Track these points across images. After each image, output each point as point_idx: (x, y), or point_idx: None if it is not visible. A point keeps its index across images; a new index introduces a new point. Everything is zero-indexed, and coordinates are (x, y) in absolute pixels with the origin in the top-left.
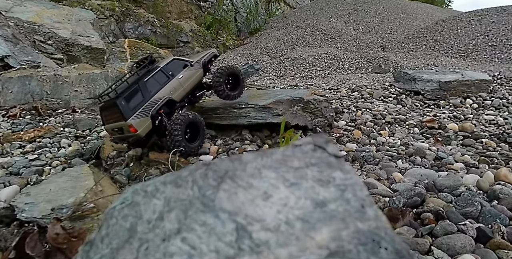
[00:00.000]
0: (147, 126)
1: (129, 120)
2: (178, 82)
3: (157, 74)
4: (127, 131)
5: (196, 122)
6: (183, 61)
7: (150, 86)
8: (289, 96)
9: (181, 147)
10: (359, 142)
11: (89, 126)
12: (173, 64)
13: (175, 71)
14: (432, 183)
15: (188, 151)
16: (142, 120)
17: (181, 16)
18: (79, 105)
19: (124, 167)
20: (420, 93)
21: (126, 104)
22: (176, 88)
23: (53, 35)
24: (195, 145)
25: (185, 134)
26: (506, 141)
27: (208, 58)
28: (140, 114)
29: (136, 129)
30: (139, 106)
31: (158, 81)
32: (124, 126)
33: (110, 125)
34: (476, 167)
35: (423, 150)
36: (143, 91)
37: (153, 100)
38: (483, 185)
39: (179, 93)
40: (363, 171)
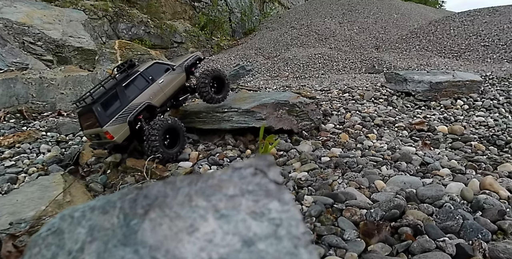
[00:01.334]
0: (124, 133)
1: (105, 126)
2: (159, 87)
3: (136, 78)
4: (103, 137)
5: (175, 127)
6: (164, 65)
7: (128, 91)
8: (274, 99)
9: (158, 153)
10: (345, 146)
11: (73, 130)
12: (154, 68)
13: (156, 76)
14: (414, 193)
15: (166, 157)
16: (119, 127)
17: (175, 16)
18: (65, 108)
19: (101, 174)
20: (411, 94)
21: (102, 110)
22: (156, 93)
23: (43, 36)
24: (173, 151)
25: (163, 139)
26: (496, 144)
27: (191, 62)
28: (116, 120)
29: (112, 136)
30: (116, 112)
31: (137, 86)
32: (101, 133)
33: (87, 131)
34: (463, 173)
35: (409, 155)
36: (121, 96)
37: (131, 105)
38: (467, 195)
39: (159, 98)
40: (345, 179)
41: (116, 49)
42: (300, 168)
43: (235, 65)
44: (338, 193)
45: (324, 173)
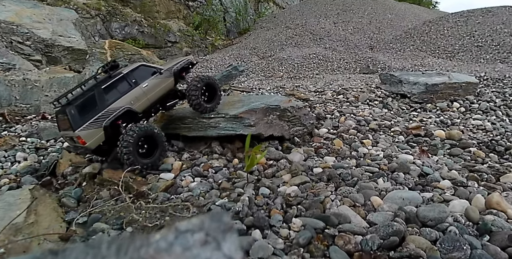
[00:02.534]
0: (98, 138)
1: (77, 131)
2: (142, 91)
3: (118, 81)
4: (76, 141)
5: (152, 134)
6: (151, 68)
7: (107, 94)
8: (264, 104)
9: (129, 162)
10: (339, 154)
11: (54, 135)
12: (139, 71)
13: (140, 79)
14: (414, 213)
15: (140, 167)
16: (92, 131)
17: (169, 15)
18: (49, 111)
19: (75, 187)
20: (407, 96)
21: (76, 113)
22: (138, 97)
23: (31, 35)
24: (146, 161)
25: (138, 148)
26: (495, 150)
27: (181, 66)
28: (91, 125)
29: (84, 141)
30: (91, 116)
31: (118, 89)
32: (73, 136)
33: (63, 133)
34: (464, 186)
35: (406, 165)
36: (99, 99)
37: (108, 109)
38: (473, 215)
39: (141, 103)
40: (338, 194)
41: (106, 49)
42: (290, 181)
43: (228, 65)
44: (330, 215)
45: (316, 187)
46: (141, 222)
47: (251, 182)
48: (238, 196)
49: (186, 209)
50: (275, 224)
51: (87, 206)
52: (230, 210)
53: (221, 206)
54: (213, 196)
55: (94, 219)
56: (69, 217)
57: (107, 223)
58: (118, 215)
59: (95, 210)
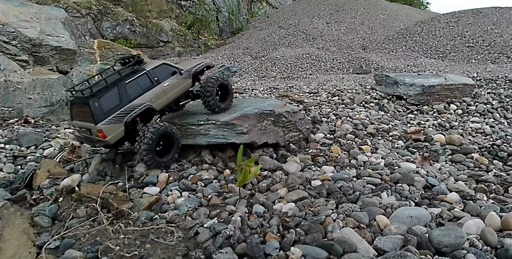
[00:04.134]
0: (118, 133)
1: (100, 124)
2: (162, 90)
3: (141, 77)
4: (95, 134)
5: (170, 134)
6: (172, 68)
7: (130, 89)
8: (257, 109)
9: (148, 160)
10: (338, 162)
11: (35, 141)
12: (161, 69)
13: (162, 77)
14: (427, 238)
15: (157, 166)
16: (114, 126)
17: (161, 15)
18: (33, 114)
19: (51, 203)
20: (403, 97)
21: (99, 106)
22: (159, 96)
23: (18, 34)
24: (164, 160)
25: (156, 146)
26: (498, 156)
27: (200, 68)
28: (113, 119)
29: (105, 135)
30: (114, 111)
31: (140, 86)
32: (93, 129)
33: (78, 123)
34: (474, 200)
35: (410, 176)
36: (122, 94)
37: (130, 105)
38: (490, 239)
39: (161, 102)
40: (340, 213)
41: (95, 49)
42: (286, 196)
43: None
44: (334, 244)
45: (315, 204)
46: (118, 251)
47: (243, 197)
48: (229, 215)
49: (170, 233)
50: (271, 252)
51: (62, 227)
52: (220, 235)
53: (210, 228)
54: (201, 215)
55: (67, 244)
56: (41, 241)
57: (81, 250)
58: (94, 240)
59: (69, 233)
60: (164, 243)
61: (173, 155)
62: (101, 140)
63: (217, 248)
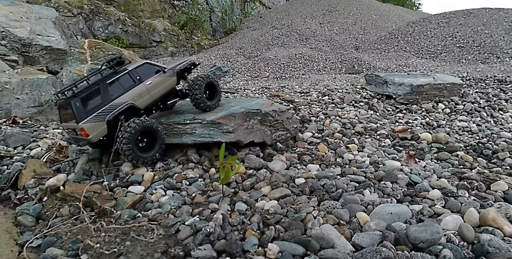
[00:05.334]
0: (101, 131)
1: (81, 123)
2: (145, 88)
3: (123, 77)
4: (79, 134)
5: (151, 129)
6: (155, 66)
7: (112, 89)
8: (244, 108)
9: (130, 157)
10: (324, 161)
11: (22, 142)
12: (144, 68)
13: (144, 76)
14: (404, 234)
15: (138, 160)
16: (96, 125)
17: (154, 14)
18: (21, 114)
19: (35, 202)
20: (392, 97)
21: (81, 106)
22: (142, 94)
23: (7, 34)
24: (148, 156)
25: (138, 142)
26: (483, 154)
27: (184, 66)
28: (95, 118)
29: (87, 133)
30: (95, 109)
31: (122, 85)
32: (76, 129)
33: (65, 124)
34: (455, 196)
35: (394, 173)
36: (103, 93)
37: (112, 104)
38: (467, 235)
39: (144, 100)
40: (321, 210)
41: (86, 49)
42: (269, 194)
43: (212, 66)
44: (311, 239)
45: (297, 202)
46: (98, 248)
47: (227, 195)
48: (211, 212)
49: (151, 231)
50: (249, 249)
51: (45, 226)
52: (201, 232)
53: (191, 226)
54: (184, 213)
55: (49, 242)
56: (23, 240)
57: (62, 248)
58: (75, 238)
59: (51, 231)
60: (144, 240)
61: (156, 151)
62: (84, 138)
63: (197, 245)
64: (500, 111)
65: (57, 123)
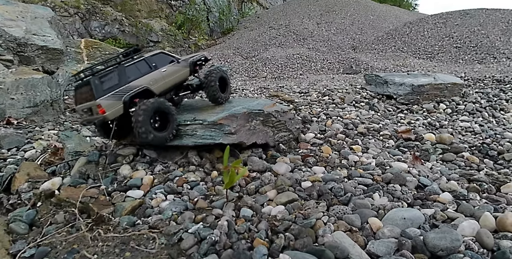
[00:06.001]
0: (117, 110)
1: (99, 99)
2: (160, 75)
3: (139, 62)
4: (95, 112)
5: (163, 108)
6: (169, 56)
7: (129, 72)
8: (246, 109)
9: (147, 137)
10: (328, 162)
11: (17, 143)
12: (159, 57)
13: (159, 64)
14: (421, 241)
15: (157, 142)
16: (112, 103)
17: (151, 14)
18: (16, 115)
19: (28, 208)
20: (393, 97)
21: (99, 84)
22: (157, 80)
23: (3, 33)
24: (163, 135)
25: (153, 122)
26: (488, 155)
27: (197, 59)
28: (112, 97)
29: (104, 110)
30: (113, 89)
31: (139, 69)
32: (93, 106)
33: (80, 106)
34: (467, 200)
35: (402, 176)
36: (120, 75)
37: (129, 86)
38: (486, 241)
39: (159, 86)
40: (331, 215)
41: (82, 49)
42: (275, 198)
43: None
44: (326, 249)
45: (305, 207)
46: None
47: (231, 200)
48: (216, 219)
49: (152, 240)
50: None
51: (39, 233)
52: (205, 241)
53: (195, 234)
54: (186, 220)
55: (42, 253)
56: (15, 249)
57: None
58: (71, 248)
59: (45, 240)
60: (145, 250)
61: (170, 132)
62: (101, 115)
63: (202, 256)
64: (502, 111)
65: (53, 121)
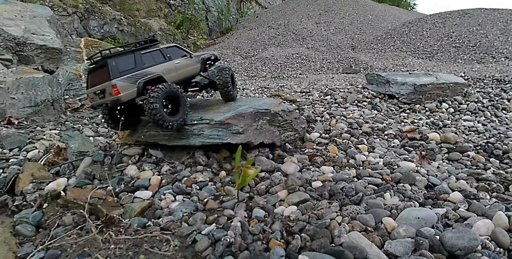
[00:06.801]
0: (130, 93)
1: (115, 79)
2: (173, 66)
3: (155, 52)
4: (109, 93)
5: (175, 93)
6: (183, 51)
7: (144, 58)
8: (252, 108)
9: (160, 121)
10: (336, 162)
11: (18, 143)
12: (173, 49)
13: (173, 56)
14: (438, 241)
15: (169, 125)
16: (127, 85)
17: (149, 14)
18: (17, 114)
19: (35, 210)
20: (395, 96)
21: (116, 65)
22: (170, 70)
23: (1, 33)
24: (175, 119)
25: (164, 107)
26: (493, 154)
27: (207, 57)
28: (127, 79)
29: (118, 91)
30: (129, 72)
31: (154, 58)
32: (107, 87)
33: (93, 89)
34: (477, 199)
35: (411, 175)
36: (137, 60)
37: (144, 71)
38: (503, 240)
39: (172, 76)
40: (345, 215)
41: (82, 48)
42: (287, 198)
43: None
44: (345, 250)
45: (318, 207)
46: None
47: (242, 201)
48: (228, 220)
49: (165, 242)
50: None
51: (47, 236)
52: (220, 242)
53: (208, 235)
54: (198, 221)
55: (52, 256)
56: (23, 252)
57: None
58: (82, 251)
59: (54, 243)
60: (159, 253)
61: (182, 116)
62: (114, 97)
63: (218, 258)
64: (504, 110)
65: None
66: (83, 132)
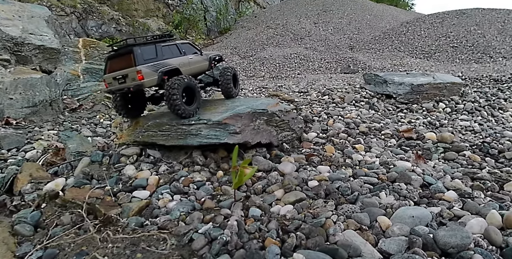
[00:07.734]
0: (151, 80)
1: (140, 66)
2: (188, 61)
3: (172, 46)
4: (131, 79)
5: (190, 85)
6: (194, 48)
7: (164, 51)
8: (250, 108)
9: (180, 111)
10: (333, 162)
11: (16, 144)
12: (187, 46)
13: (187, 52)
14: (431, 239)
15: (187, 114)
16: (150, 72)
17: (148, 14)
18: (15, 115)
19: (33, 210)
20: (392, 96)
21: (141, 53)
22: (185, 64)
23: None
24: (192, 108)
25: (182, 97)
26: (489, 153)
27: (214, 56)
28: (150, 67)
29: (143, 77)
30: (150, 61)
31: (171, 51)
32: (131, 73)
33: (112, 74)
34: (472, 198)
35: (407, 175)
36: (158, 51)
37: (164, 62)
38: (495, 238)
39: (185, 70)
40: (340, 214)
41: (80, 48)
42: (283, 197)
43: None
44: (339, 248)
45: (314, 206)
46: None
47: (239, 200)
48: (224, 219)
49: (162, 241)
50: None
51: (45, 235)
52: (216, 241)
53: (205, 234)
54: (195, 220)
55: (50, 255)
56: (22, 251)
57: None
58: (80, 250)
59: (53, 242)
60: (156, 251)
61: (197, 106)
62: (138, 82)
63: (214, 256)
64: (500, 110)
65: (52, 121)
66: (81, 132)
